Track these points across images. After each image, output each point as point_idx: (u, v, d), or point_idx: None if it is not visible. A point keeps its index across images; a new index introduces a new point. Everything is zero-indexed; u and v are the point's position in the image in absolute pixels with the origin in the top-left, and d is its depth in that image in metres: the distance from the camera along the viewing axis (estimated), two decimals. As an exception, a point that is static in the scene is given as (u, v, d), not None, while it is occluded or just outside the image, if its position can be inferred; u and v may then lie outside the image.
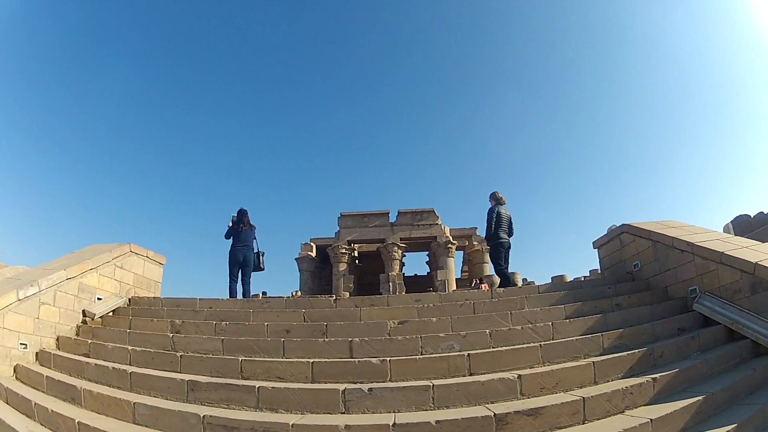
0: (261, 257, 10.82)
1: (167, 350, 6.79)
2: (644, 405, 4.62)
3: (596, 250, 10.11)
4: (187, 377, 5.60)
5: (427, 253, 47.61)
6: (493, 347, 5.81)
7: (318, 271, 45.84)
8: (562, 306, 6.94)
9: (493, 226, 10.09)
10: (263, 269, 10.80)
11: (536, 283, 37.34)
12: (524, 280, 33.64)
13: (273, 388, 4.97)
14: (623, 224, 9.20)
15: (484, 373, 5.19)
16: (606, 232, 9.88)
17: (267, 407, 4.89)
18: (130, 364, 6.58)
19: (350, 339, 5.89)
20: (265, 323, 6.87)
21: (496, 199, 10.28)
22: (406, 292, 38.81)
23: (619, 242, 9.28)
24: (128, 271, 10.07)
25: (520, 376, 4.81)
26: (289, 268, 47.03)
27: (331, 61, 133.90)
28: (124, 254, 9.92)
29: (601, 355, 5.59)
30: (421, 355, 5.69)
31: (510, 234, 10.16)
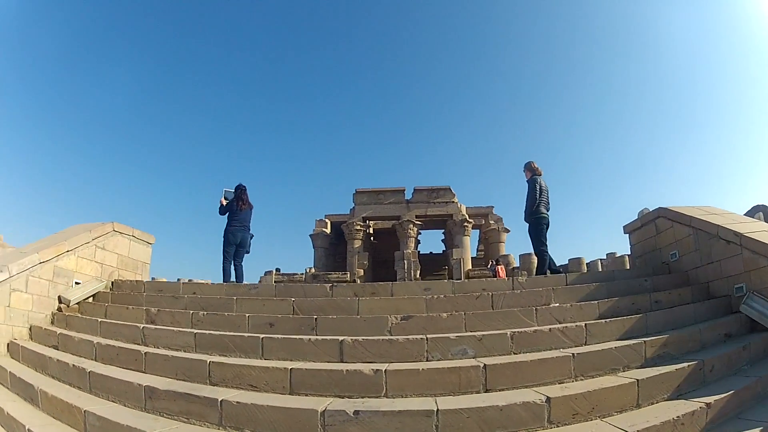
0: (250, 240, 9.84)
1: (136, 344, 5.86)
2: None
3: (627, 235, 8.95)
4: (147, 381, 4.66)
5: (442, 231, 46.61)
6: (514, 352, 4.72)
7: (332, 247, 45.10)
8: (596, 302, 5.79)
9: (537, 198, 8.72)
10: (249, 252, 9.82)
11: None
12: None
13: (238, 403, 3.93)
14: (659, 208, 8.01)
15: (503, 390, 4.10)
16: (637, 216, 8.71)
17: (231, 425, 3.88)
18: (95, 359, 5.71)
19: (341, 339, 4.80)
20: (248, 315, 5.81)
21: (532, 170, 8.93)
22: (420, 271, 37.89)
23: (654, 228, 8.08)
24: (111, 252, 9.11)
25: (548, 398, 3.69)
26: (304, 245, 46.36)
27: (343, 33, 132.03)
28: (106, 234, 8.95)
29: (642, 367, 4.55)
30: (427, 361, 4.60)
31: (548, 209, 8.91)
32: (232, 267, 9.42)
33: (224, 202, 9.52)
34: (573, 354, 4.45)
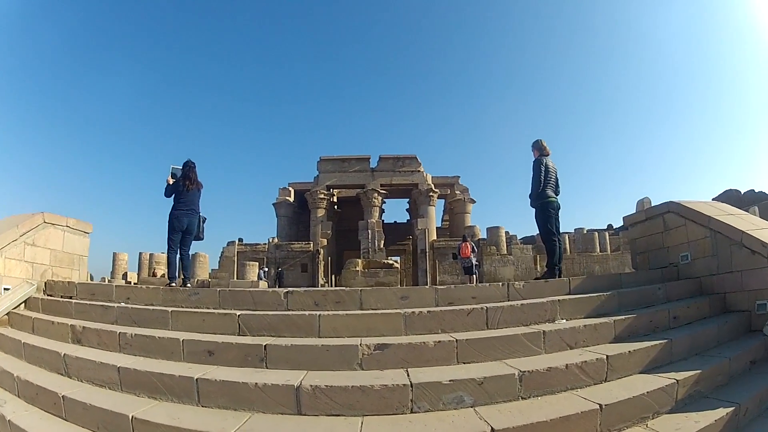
0: (203, 224, 8.29)
1: (59, 374, 4.57)
2: None
3: (628, 228, 7.87)
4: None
5: (407, 200, 45.75)
6: (523, 397, 3.54)
7: (296, 216, 43.74)
8: (610, 321, 4.63)
9: (542, 180, 7.45)
10: (203, 239, 8.30)
11: (519, 239, 35.65)
12: (507, 233, 31.70)
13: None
14: (670, 202, 6.93)
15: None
16: (636, 206, 7.64)
17: None
18: (17, 395, 4.45)
19: (298, 384, 3.51)
20: (182, 338, 4.45)
21: (540, 149, 7.66)
22: (385, 240, 36.89)
23: (662, 223, 7.00)
24: (43, 248, 7.56)
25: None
26: (268, 213, 44.83)
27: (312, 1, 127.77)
28: (35, 227, 7.40)
29: (674, 411, 3.69)
30: (412, 413, 3.40)
31: (557, 192, 7.64)
32: (179, 257, 7.98)
33: (170, 182, 7.94)
34: (600, 406, 3.33)
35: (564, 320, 4.78)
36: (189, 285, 7.83)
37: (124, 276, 34.14)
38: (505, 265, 30.05)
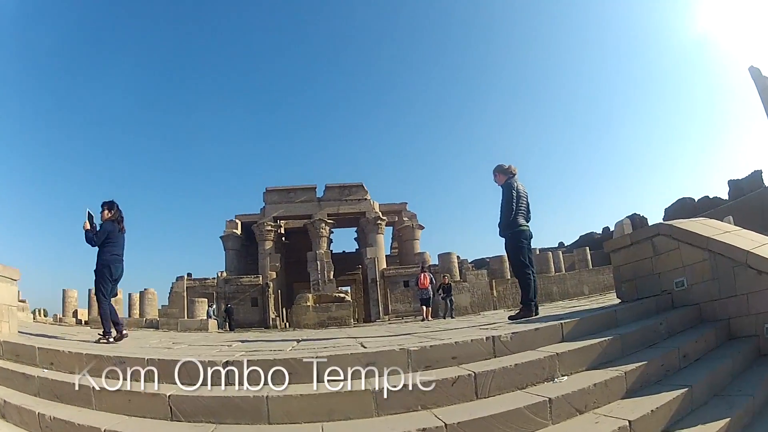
0: None
1: None
2: None
3: (609, 254, 7.19)
4: None
5: (355, 229, 44.82)
6: None
7: (244, 249, 42.14)
8: (621, 373, 3.81)
9: (514, 208, 6.61)
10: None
11: (469, 262, 35.18)
12: (458, 257, 31.19)
13: None
14: (660, 224, 6.30)
15: None
16: (616, 231, 7.02)
17: None
18: None
19: None
20: (103, 429, 3.37)
21: (505, 172, 6.85)
22: (334, 271, 35.78)
23: (651, 247, 6.31)
24: None
25: None
26: (216, 247, 42.91)
27: (246, 22, 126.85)
28: None
29: None
30: None
31: (528, 219, 6.84)
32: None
33: (88, 227, 6.81)
34: None
35: (564, 377, 3.93)
36: (125, 332, 6.77)
37: (75, 314, 32.02)
38: (460, 293, 29.31)
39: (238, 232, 41.21)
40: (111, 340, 6.51)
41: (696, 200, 42.69)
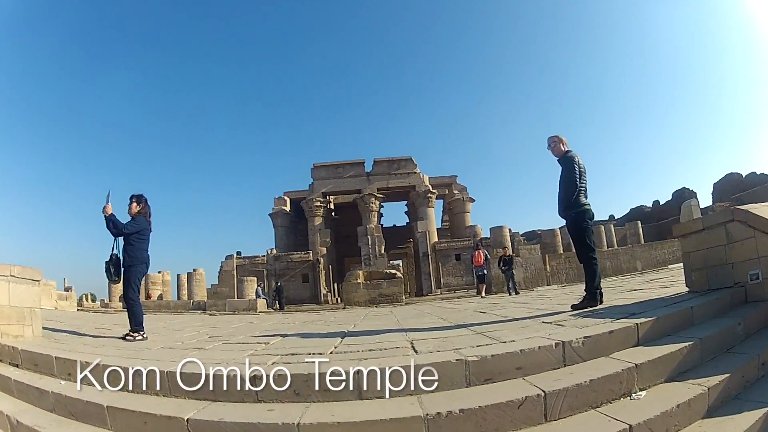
0: None
1: None
2: None
3: (678, 239, 6.47)
4: None
5: (406, 203, 44.37)
6: None
7: (293, 225, 42.35)
8: (703, 389, 3.21)
9: (578, 183, 5.83)
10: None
11: (521, 235, 34.17)
12: (509, 230, 30.29)
13: None
14: (735, 208, 5.48)
15: None
16: (683, 213, 6.19)
17: None
18: None
19: None
20: None
21: (564, 144, 6.09)
22: (385, 246, 35.45)
23: (725, 234, 5.52)
24: None
25: None
26: (266, 224, 43.33)
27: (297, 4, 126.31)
28: None
29: None
30: None
31: (586, 196, 6.03)
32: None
33: (110, 210, 6.46)
34: None
35: (642, 391, 3.35)
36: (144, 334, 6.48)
37: (121, 298, 32.77)
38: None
39: (287, 209, 41.40)
40: (140, 337, 6.27)
41: (744, 176, 40.64)
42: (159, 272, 34.64)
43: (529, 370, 3.59)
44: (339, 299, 31.46)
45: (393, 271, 23.59)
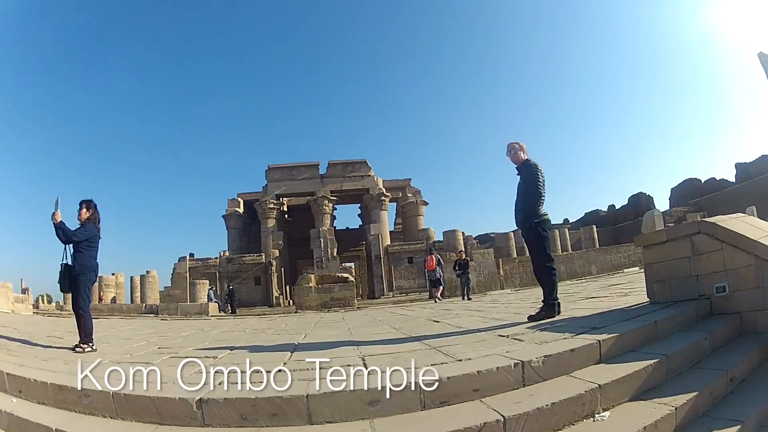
0: None
1: None
2: None
3: (639, 250, 6.52)
4: None
5: (359, 205, 44.22)
6: None
7: (246, 227, 41.60)
8: (671, 409, 3.15)
9: (543, 193, 5.79)
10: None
11: (473, 238, 34.47)
12: (463, 234, 30.52)
13: None
14: (701, 221, 5.55)
15: None
16: (646, 224, 6.26)
17: None
18: None
19: None
20: None
21: (524, 152, 5.99)
22: (338, 248, 35.19)
23: (690, 246, 5.57)
24: None
25: None
26: (219, 226, 42.33)
27: (248, 6, 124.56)
28: None
29: None
30: None
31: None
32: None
33: (60, 218, 6.12)
34: None
35: (606, 412, 3.28)
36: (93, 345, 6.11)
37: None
38: (467, 272, 28.86)
39: (241, 210, 40.71)
40: (89, 349, 5.94)
41: (702, 181, 42.03)
42: (113, 274, 33.43)
43: (487, 392, 3.46)
44: (291, 302, 31.04)
45: (345, 275, 23.39)
